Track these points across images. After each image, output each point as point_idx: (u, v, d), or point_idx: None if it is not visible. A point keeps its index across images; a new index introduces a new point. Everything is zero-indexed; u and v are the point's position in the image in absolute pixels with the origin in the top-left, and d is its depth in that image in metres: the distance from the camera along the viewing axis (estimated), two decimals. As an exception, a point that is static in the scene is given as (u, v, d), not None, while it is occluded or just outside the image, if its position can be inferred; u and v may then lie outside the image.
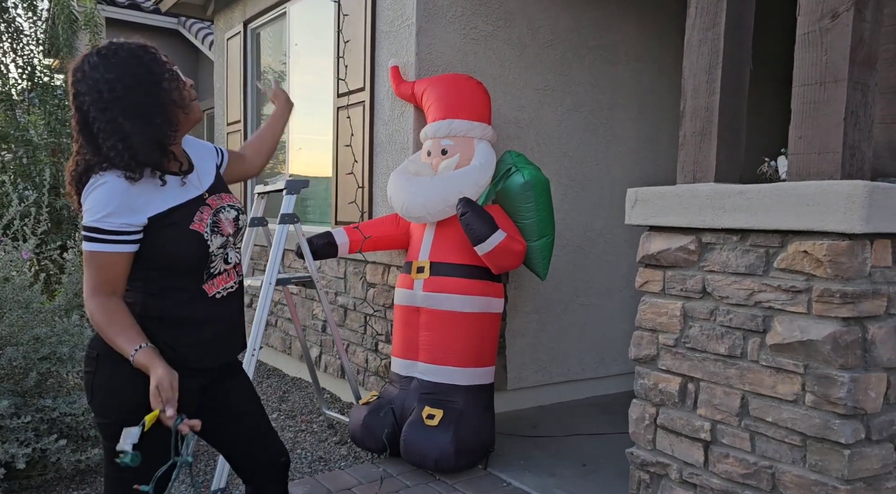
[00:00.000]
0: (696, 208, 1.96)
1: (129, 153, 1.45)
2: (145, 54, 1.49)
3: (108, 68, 1.45)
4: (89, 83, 1.46)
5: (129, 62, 1.46)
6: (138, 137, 1.45)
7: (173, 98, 1.50)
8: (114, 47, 1.48)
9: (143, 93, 1.45)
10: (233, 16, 5.41)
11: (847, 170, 1.72)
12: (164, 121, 1.48)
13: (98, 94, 1.45)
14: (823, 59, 1.74)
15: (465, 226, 2.85)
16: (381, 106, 3.65)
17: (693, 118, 2.09)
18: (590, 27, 3.93)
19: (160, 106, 1.48)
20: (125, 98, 1.44)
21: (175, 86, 1.51)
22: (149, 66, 1.48)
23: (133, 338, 1.47)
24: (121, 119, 1.44)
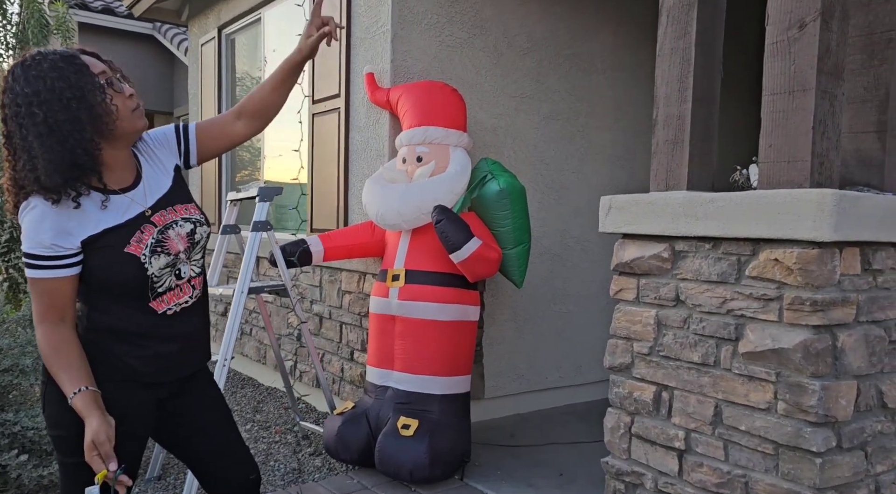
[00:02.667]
0: (669, 216, 1.96)
1: (33, 175, 1.37)
2: (69, 65, 1.39)
3: (27, 81, 1.37)
4: (10, 96, 1.39)
5: (48, 75, 1.37)
6: (44, 159, 1.36)
7: (96, 112, 1.39)
8: (38, 58, 1.39)
9: (59, 108, 1.36)
10: (207, 21, 5.35)
11: (816, 179, 1.73)
12: (80, 138, 1.38)
13: (17, 108, 1.38)
14: (792, 68, 1.75)
15: (440, 233, 2.82)
16: (357, 112, 3.63)
17: (665, 126, 2.10)
18: (566, 35, 3.95)
19: (77, 122, 1.37)
20: (39, 115, 1.35)
21: (100, 100, 1.41)
22: (69, 79, 1.38)
23: (74, 380, 1.40)
24: (31, 137, 1.36)
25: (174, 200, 1.57)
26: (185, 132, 1.65)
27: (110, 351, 1.51)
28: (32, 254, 1.41)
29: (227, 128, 1.68)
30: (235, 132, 1.68)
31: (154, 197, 1.54)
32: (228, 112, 1.70)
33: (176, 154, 1.64)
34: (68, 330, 1.45)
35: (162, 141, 1.63)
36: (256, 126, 1.70)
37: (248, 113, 1.68)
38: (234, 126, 1.68)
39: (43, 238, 1.39)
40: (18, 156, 1.40)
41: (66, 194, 1.40)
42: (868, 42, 1.94)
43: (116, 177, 1.50)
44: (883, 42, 1.91)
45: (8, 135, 1.41)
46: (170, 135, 1.64)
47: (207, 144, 1.67)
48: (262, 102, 1.67)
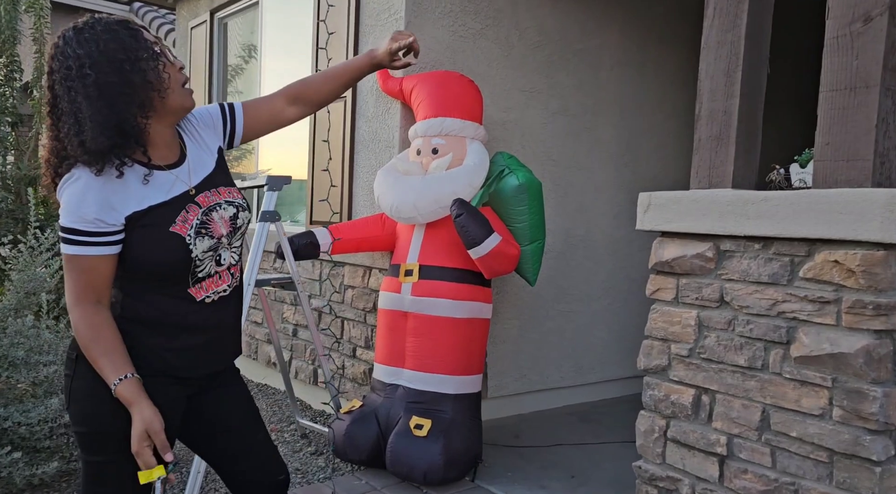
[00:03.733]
0: (717, 214, 1.90)
1: (78, 139, 1.29)
2: (123, 29, 1.33)
3: (79, 43, 1.30)
4: (60, 59, 1.31)
5: (102, 37, 1.30)
6: (92, 121, 1.28)
7: (148, 79, 1.33)
8: (91, 22, 1.33)
9: (111, 71, 1.29)
10: (198, 4, 5.15)
11: (877, 179, 1.68)
12: (130, 103, 1.31)
13: (67, 71, 1.30)
14: (855, 64, 1.71)
15: (459, 228, 2.73)
16: (365, 102, 3.51)
17: (710, 122, 2.04)
18: (576, 30, 3.88)
19: (129, 85, 1.30)
20: (91, 75, 1.28)
21: (153, 66, 1.34)
22: (123, 41, 1.31)
23: (118, 365, 1.32)
24: (80, 98, 1.29)
25: (218, 182, 1.48)
26: (232, 112, 1.57)
27: (143, 344, 1.40)
28: (73, 229, 1.30)
29: (277, 113, 1.63)
30: (286, 116, 1.64)
31: (199, 176, 1.45)
32: (277, 94, 1.64)
33: (220, 135, 1.55)
34: (106, 312, 1.35)
35: (206, 120, 1.53)
36: (307, 113, 1.67)
37: (305, 100, 1.64)
38: (285, 110, 1.64)
39: (86, 211, 1.29)
40: (63, 122, 1.31)
41: (109, 162, 1.31)
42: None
43: (161, 154, 1.41)
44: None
45: (53, 101, 1.33)
46: (215, 115, 1.55)
47: (253, 126, 1.60)
48: (323, 95, 1.65)
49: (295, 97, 1.63)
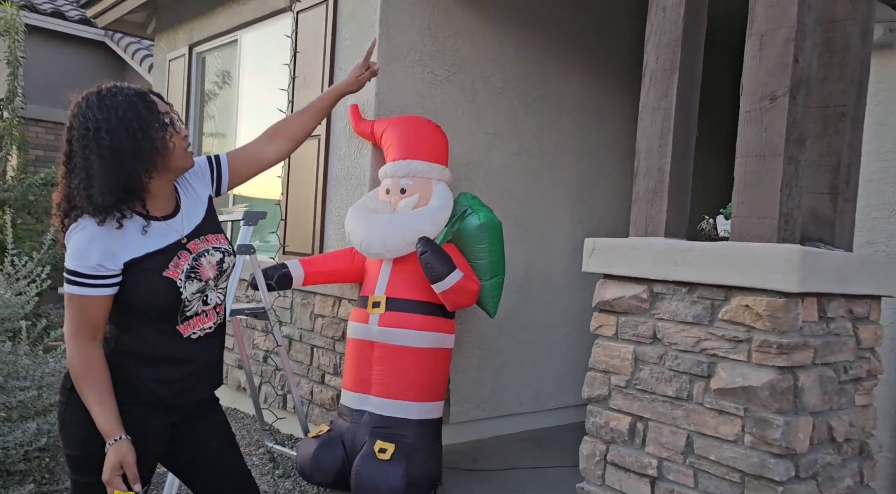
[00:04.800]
0: (650, 261, 2.15)
1: (86, 192, 1.46)
2: (140, 101, 1.52)
3: (101, 108, 1.48)
4: (80, 119, 1.50)
5: (122, 106, 1.49)
6: (101, 179, 1.46)
7: (156, 145, 1.51)
8: (115, 89, 1.52)
9: (125, 137, 1.47)
10: (177, 37, 5.33)
11: (782, 235, 1.95)
12: (137, 165, 1.49)
13: (85, 131, 1.48)
14: (763, 135, 1.98)
15: (424, 264, 2.94)
16: (338, 141, 3.72)
17: (646, 177, 2.30)
18: (537, 78, 4.17)
19: (138, 151, 1.49)
20: (105, 139, 1.46)
21: (162, 135, 1.53)
22: (139, 112, 1.50)
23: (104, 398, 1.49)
24: (94, 157, 1.47)
25: (206, 230, 1.66)
26: (218, 163, 1.75)
27: (135, 375, 1.57)
28: (77, 272, 1.48)
29: (258, 154, 1.80)
30: (266, 156, 1.80)
31: (190, 225, 1.63)
32: (258, 138, 1.83)
33: (209, 185, 1.73)
34: (99, 349, 1.53)
35: (197, 172, 1.72)
36: (288, 149, 1.83)
37: (283, 136, 1.81)
38: (264, 150, 1.80)
39: (90, 258, 1.47)
40: (76, 174, 1.48)
41: (111, 215, 1.49)
42: (823, 114, 2.20)
43: (159, 206, 1.59)
44: (836, 115, 2.18)
45: (70, 154, 1.50)
46: (203, 167, 1.74)
47: (238, 172, 1.78)
48: (300, 129, 1.83)
49: (273, 135, 1.82)
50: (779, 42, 1.95)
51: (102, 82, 1.54)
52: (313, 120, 1.86)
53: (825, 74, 2.18)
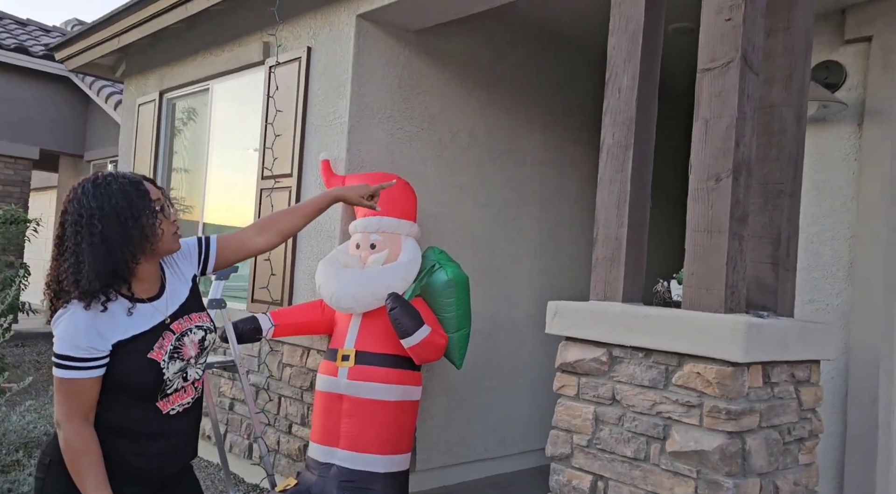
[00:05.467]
0: (609, 325, 2.28)
1: (74, 277, 1.52)
2: (134, 190, 1.59)
3: (95, 197, 1.55)
4: (75, 205, 1.56)
5: (115, 195, 1.56)
6: (90, 266, 1.52)
7: (145, 233, 1.58)
8: (110, 178, 1.59)
9: (116, 224, 1.54)
10: (147, 82, 5.38)
11: (728, 305, 2.10)
12: (125, 252, 1.55)
13: (79, 217, 1.55)
14: (710, 212, 2.14)
15: (393, 320, 3.03)
16: (309, 193, 3.81)
17: (604, 245, 2.44)
18: (502, 133, 4.35)
19: (128, 238, 1.55)
20: (97, 226, 1.53)
21: (151, 222, 1.60)
22: (132, 200, 1.57)
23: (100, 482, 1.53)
24: (84, 244, 1.53)
25: (190, 309, 1.72)
26: (208, 245, 1.82)
27: (114, 450, 1.61)
28: (67, 356, 1.52)
29: (247, 242, 1.87)
30: (254, 245, 1.87)
31: (175, 305, 1.69)
32: (250, 226, 1.91)
33: (195, 265, 1.80)
34: (92, 429, 1.57)
35: (185, 252, 1.78)
36: (275, 242, 1.90)
37: (274, 230, 1.88)
38: (253, 240, 1.87)
39: (80, 340, 1.52)
40: (66, 258, 1.54)
41: (97, 299, 1.54)
42: (764, 190, 2.38)
43: (144, 288, 1.65)
44: (775, 192, 2.36)
45: (62, 236, 1.56)
46: (192, 248, 1.80)
47: (225, 256, 1.84)
48: (289, 225, 1.90)
49: (262, 227, 1.89)
50: (722, 128, 2.13)
51: (100, 170, 1.62)
52: (304, 219, 1.92)
53: (765, 154, 2.37)
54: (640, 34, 2.38)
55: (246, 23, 4.30)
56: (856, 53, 2.88)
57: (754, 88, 2.18)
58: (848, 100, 2.88)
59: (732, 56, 2.13)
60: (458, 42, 4.04)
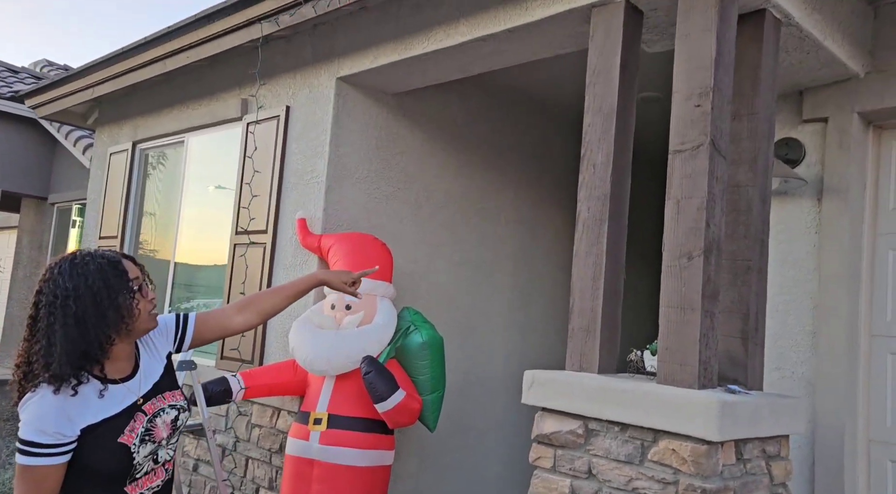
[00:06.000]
0: (585, 397, 2.30)
1: (45, 360, 1.48)
2: (111, 270, 1.57)
3: (72, 277, 1.53)
4: (50, 285, 1.54)
5: (92, 275, 1.54)
6: (62, 348, 1.48)
7: (121, 313, 1.55)
8: (87, 258, 1.57)
9: (91, 305, 1.51)
10: (120, 132, 5.36)
11: (702, 381, 2.15)
12: (100, 333, 1.52)
13: (53, 298, 1.52)
14: (683, 289, 2.21)
15: (368, 384, 3.00)
16: (284, 251, 3.80)
17: (580, 316, 2.49)
18: (476, 192, 4.42)
19: (103, 318, 1.52)
20: (71, 307, 1.50)
21: (128, 302, 1.57)
22: (109, 280, 1.55)
23: None
24: (58, 326, 1.50)
25: (163, 387, 1.69)
26: (185, 323, 1.79)
27: None
28: (32, 442, 1.46)
29: (226, 321, 1.84)
30: (233, 325, 1.85)
31: (148, 384, 1.66)
32: (230, 305, 1.88)
33: (171, 342, 1.77)
34: None
35: (162, 329, 1.75)
36: (255, 322, 1.88)
37: (255, 310, 1.86)
38: (232, 319, 1.85)
39: (47, 426, 1.46)
40: (38, 340, 1.50)
41: (67, 382, 1.50)
42: (733, 267, 2.47)
43: (118, 368, 1.61)
44: (743, 268, 2.46)
45: (35, 316, 1.53)
46: (170, 325, 1.77)
47: (202, 334, 1.81)
48: (270, 306, 1.88)
49: (243, 306, 1.87)
50: (693, 209, 2.22)
51: (79, 250, 1.60)
52: (286, 300, 1.91)
53: (733, 231, 2.47)
54: (614, 114, 2.48)
55: (224, 79, 4.34)
56: (813, 132, 3.05)
57: (722, 170, 2.29)
58: (807, 176, 3.03)
59: (702, 140, 2.23)
60: (435, 105, 4.14)
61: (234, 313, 1.86)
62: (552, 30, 2.82)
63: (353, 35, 3.56)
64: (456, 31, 3.05)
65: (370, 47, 3.45)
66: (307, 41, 3.82)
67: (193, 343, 1.82)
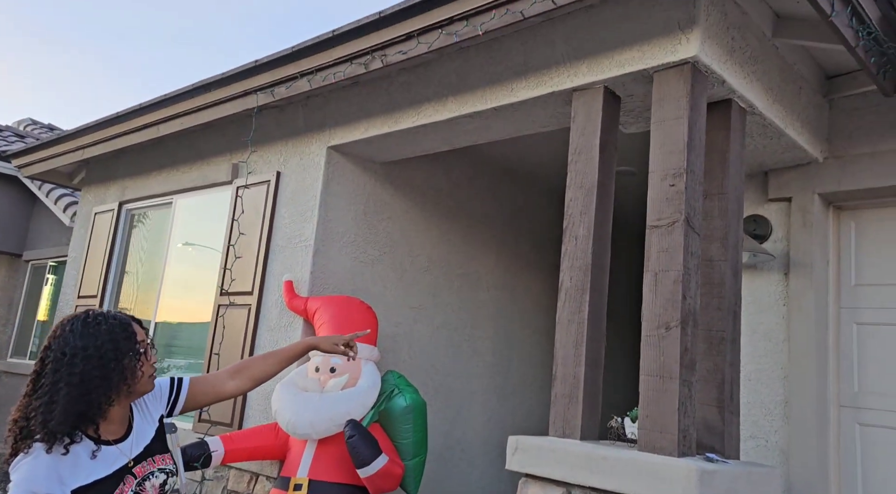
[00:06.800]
0: (569, 465, 2.35)
1: (43, 417, 1.50)
2: (122, 332, 1.61)
3: (83, 336, 1.56)
4: (60, 343, 1.57)
5: (103, 336, 1.57)
6: (63, 407, 1.50)
7: (125, 375, 1.59)
8: (100, 318, 1.61)
9: (97, 366, 1.54)
10: (107, 192, 5.41)
11: (681, 449, 2.22)
12: (101, 393, 1.55)
13: (62, 356, 1.55)
14: (661, 359, 2.31)
15: (351, 448, 3.01)
16: (269, 312, 3.83)
17: (563, 383, 2.57)
18: (458, 257, 4.55)
19: (107, 380, 1.55)
20: (78, 366, 1.53)
21: (133, 364, 1.60)
22: (118, 343, 1.59)
23: None
24: (62, 384, 1.52)
25: (154, 451, 1.70)
26: (179, 386, 1.82)
27: None
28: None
29: (218, 386, 1.87)
30: (225, 390, 1.88)
31: (139, 447, 1.67)
32: (223, 370, 1.91)
33: (164, 405, 1.79)
34: None
35: (156, 392, 1.77)
36: (247, 387, 1.90)
37: (245, 375, 1.89)
38: (225, 384, 1.87)
39: (39, 487, 1.46)
40: (39, 396, 1.51)
41: (60, 441, 1.51)
42: (708, 337, 2.60)
43: (112, 429, 1.62)
44: (718, 339, 2.58)
45: (41, 371, 1.54)
46: (164, 388, 1.80)
47: (196, 398, 1.84)
48: (262, 372, 1.91)
49: (236, 372, 1.90)
50: (670, 281, 2.35)
51: (92, 309, 1.64)
52: (278, 366, 1.94)
53: (707, 303, 2.60)
54: (595, 190, 2.64)
55: (216, 144, 4.47)
56: (779, 211, 3.25)
57: (696, 246, 2.44)
58: (774, 251, 3.21)
59: (677, 217, 2.39)
60: (421, 173, 4.30)
61: (227, 378, 1.89)
62: (536, 110, 3.01)
63: (344, 107, 3.73)
64: (444, 107, 3.23)
65: (361, 119, 3.62)
66: (300, 111, 3.99)
67: (186, 407, 1.84)
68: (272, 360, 1.96)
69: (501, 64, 3.00)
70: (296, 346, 2.02)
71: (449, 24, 2.81)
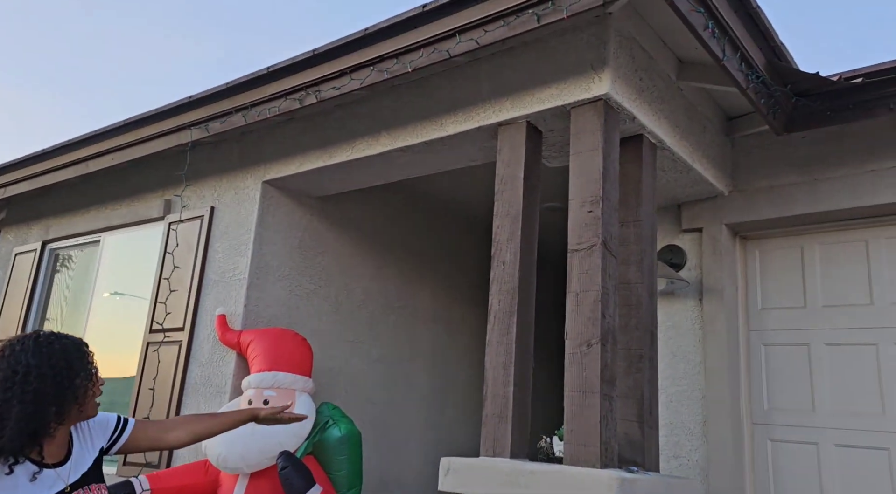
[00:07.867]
0: (498, 482, 2.41)
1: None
2: (75, 351, 1.62)
3: (35, 354, 1.57)
4: (11, 361, 1.56)
5: (57, 353, 1.58)
6: (15, 423, 1.50)
7: (76, 394, 1.60)
8: (52, 337, 1.62)
9: (50, 383, 1.55)
10: (29, 232, 5.24)
11: (604, 461, 2.32)
12: (54, 412, 1.55)
13: (13, 373, 1.54)
14: (584, 374, 2.43)
15: (283, 480, 2.97)
16: (201, 347, 3.78)
17: (493, 402, 2.64)
18: (394, 291, 4.61)
19: (60, 398, 1.56)
20: (31, 383, 1.53)
21: (85, 384, 1.62)
22: (72, 361, 1.60)
23: None
24: (15, 402, 1.51)
25: (91, 479, 1.69)
26: (124, 427, 1.80)
27: None
28: None
29: (160, 434, 1.86)
30: (167, 439, 1.86)
31: (77, 474, 1.65)
32: (168, 420, 1.92)
33: (107, 439, 1.78)
34: None
35: (102, 423, 1.76)
36: (187, 441, 1.89)
37: (187, 429, 1.87)
38: (167, 434, 1.86)
39: None
40: None
41: (6, 460, 1.49)
42: (628, 355, 2.74)
43: (53, 452, 1.62)
44: (636, 357, 2.73)
45: None
46: (110, 423, 1.78)
47: (137, 441, 1.82)
48: (204, 429, 1.90)
49: (179, 424, 1.89)
50: (590, 301, 2.49)
51: (41, 329, 1.63)
52: (220, 427, 1.94)
53: (626, 323, 2.76)
54: (520, 217, 2.79)
55: (148, 180, 4.43)
56: (692, 240, 3.49)
57: (614, 268, 2.60)
58: (689, 278, 3.43)
59: (595, 241, 2.55)
60: (356, 208, 4.39)
61: (171, 428, 1.88)
62: (464, 144, 3.17)
63: (279, 142, 3.80)
64: (377, 141, 3.35)
65: (296, 154, 3.70)
66: (234, 146, 4.03)
67: (125, 447, 1.82)
68: (216, 421, 1.96)
69: (431, 100, 3.16)
70: (239, 414, 2.01)
71: (380, 61, 2.96)
